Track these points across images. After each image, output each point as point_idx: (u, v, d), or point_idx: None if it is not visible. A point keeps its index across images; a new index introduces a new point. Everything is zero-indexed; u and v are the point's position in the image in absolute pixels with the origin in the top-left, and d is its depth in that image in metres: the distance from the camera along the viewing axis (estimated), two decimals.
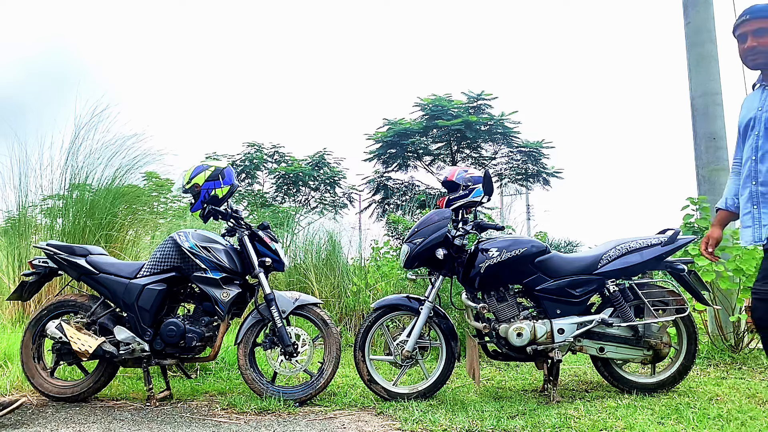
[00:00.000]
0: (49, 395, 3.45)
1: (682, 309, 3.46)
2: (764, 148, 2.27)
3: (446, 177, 3.67)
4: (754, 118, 2.32)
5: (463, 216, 3.61)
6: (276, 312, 3.37)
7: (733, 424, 2.79)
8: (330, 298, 5.94)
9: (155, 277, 3.43)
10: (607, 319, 3.41)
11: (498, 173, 14.94)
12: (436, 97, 13.40)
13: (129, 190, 6.05)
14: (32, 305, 5.28)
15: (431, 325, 3.53)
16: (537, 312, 3.46)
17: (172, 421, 3.08)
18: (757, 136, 2.29)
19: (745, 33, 2.27)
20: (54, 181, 5.99)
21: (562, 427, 2.81)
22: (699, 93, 5.28)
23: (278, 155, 15.95)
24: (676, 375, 3.51)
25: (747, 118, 2.36)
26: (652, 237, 3.54)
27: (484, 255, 3.42)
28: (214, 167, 3.51)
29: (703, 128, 5.23)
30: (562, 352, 3.39)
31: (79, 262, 3.47)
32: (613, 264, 3.44)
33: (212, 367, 4.23)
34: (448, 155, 14.44)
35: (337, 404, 3.41)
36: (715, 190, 5.06)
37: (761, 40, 2.24)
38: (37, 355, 3.53)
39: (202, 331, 3.42)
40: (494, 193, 3.47)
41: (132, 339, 3.37)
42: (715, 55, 5.27)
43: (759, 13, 2.24)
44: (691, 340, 3.52)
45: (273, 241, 3.57)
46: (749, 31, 2.26)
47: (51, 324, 3.39)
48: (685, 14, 5.45)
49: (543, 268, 3.44)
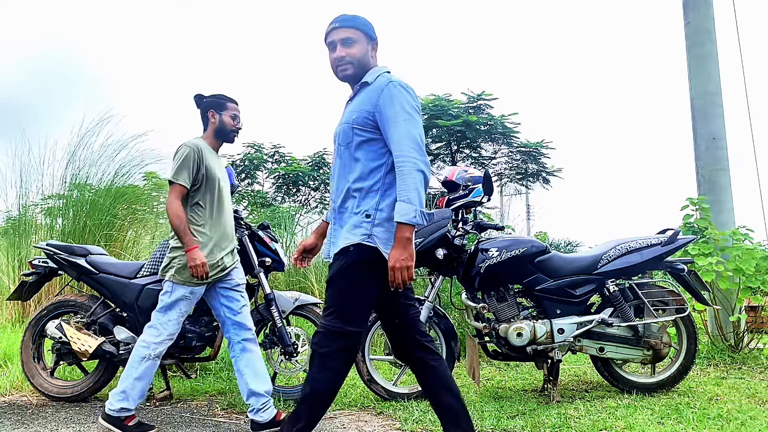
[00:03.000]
0: (49, 395, 3.45)
1: (682, 309, 3.46)
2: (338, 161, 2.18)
3: (446, 177, 3.67)
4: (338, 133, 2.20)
5: (463, 216, 3.61)
6: (276, 312, 3.37)
7: (733, 424, 2.79)
8: None
9: (155, 277, 3.43)
10: (607, 319, 3.41)
11: (498, 173, 14.94)
12: (436, 97, 13.38)
13: (129, 190, 6.05)
14: (32, 305, 5.29)
15: (431, 325, 3.53)
16: (537, 312, 3.46)
17: (172, 421, 3.08)
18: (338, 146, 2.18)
19: (334, 41, 2.16)
20: (54, 181, 6.00)
21: (562, 427, 2.81)
22: (699, 93, 5.29)
23: (278, 155, 15.94)
24: (676, 375, 3.51)
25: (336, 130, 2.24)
26: (652, 237, 3.54)
27: (484, 255, 3.42)
28: None
29: (703, 128, 5.23)
30: (562, 352, 3.39)
31: (79, 262, 3.47)
32: (613, 264, 3.44)
33: (212, 367, 4.23)
34: (448, 155, 14.43)
35: (337, 404, 3.41)
36: (715, 190, 5.07)
37: (349, 50, 2.14)
38: (37, 355, 3.53)
39: (202, 331, 3.42)
40: (494, 193, 3.47)
41: (132, 339, 3.37)
42: (715, 55, 5.27)
43: (346, 23, 2.15)
44: (691, 340, 3.52)
45: (273, 241, 3.57)
46: (337, 40, 2.15)
47: (51, 324, 3.39)
48: (685, 14, 5.46)
49: (543, 268, 3.44)
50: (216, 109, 3.02)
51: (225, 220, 3.01)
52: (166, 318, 2.89)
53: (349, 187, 2.13)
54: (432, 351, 2.20)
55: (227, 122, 3.03)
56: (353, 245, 2.05)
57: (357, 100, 2.18)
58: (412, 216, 1.94)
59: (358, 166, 2.12)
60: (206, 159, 2.92)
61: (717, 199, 5.01)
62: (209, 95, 3.06)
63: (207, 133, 3.06)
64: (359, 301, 2.07)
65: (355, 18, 2.18)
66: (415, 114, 2.07)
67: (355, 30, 2.16)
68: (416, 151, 2.01)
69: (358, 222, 2.07)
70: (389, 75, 2.15)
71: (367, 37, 2.18)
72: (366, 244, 2.04)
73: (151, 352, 2.85)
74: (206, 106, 3.04)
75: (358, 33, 2.16)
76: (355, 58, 2.16)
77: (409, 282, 1.99)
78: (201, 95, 3.07)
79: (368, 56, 2.19)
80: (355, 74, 2.18)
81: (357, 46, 2.16)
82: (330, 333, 2.05)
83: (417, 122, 2.07)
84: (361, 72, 2.18)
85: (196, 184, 2.90)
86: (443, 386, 2.16)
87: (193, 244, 2.81)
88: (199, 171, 2.89)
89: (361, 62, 2.17)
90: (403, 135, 2.01)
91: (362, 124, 2.10)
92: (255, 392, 2.89)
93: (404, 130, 2.02)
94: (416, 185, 1.98)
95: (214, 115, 3.01)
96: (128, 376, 2.84)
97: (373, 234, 2.05)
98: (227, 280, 3.00)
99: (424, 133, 2.08)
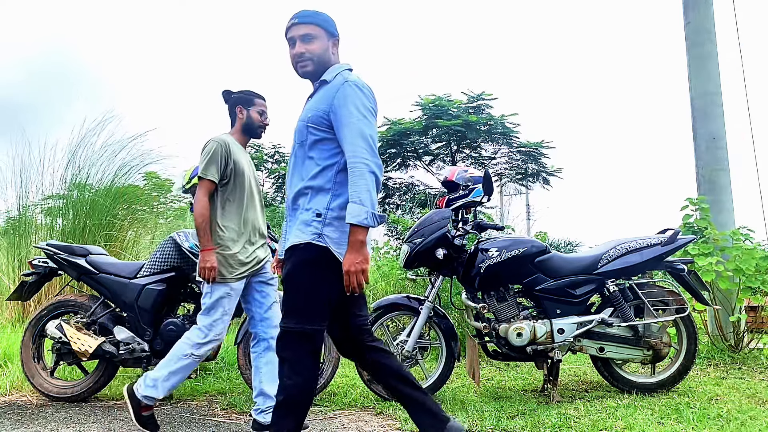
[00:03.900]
0: (49, 395, 3.45)
1: (682, 309, 3.46)
2: (292, 157, 2.18)
3: (446, 177, 3.67)
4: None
5: (463, 216, 3.61)
6: None
7: (733, 424, 2.79)
8: None
9: (155, 277, 3.44)
10: (607, 319, 3.41)
11: (498, 173, 14.94)
12: (436, 96, 13.39)
13: (129, 190, 6.06)
14: (32, 305, 5.29)
15: (431, 325, 3.53)
16: (537, 312, 3.46)
17: (172, 421, 3.08)
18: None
19: (293, 38, 2.14)
20: (54, 181, 6.00)
21: (562, 427, 2.81)
22: (699, 93, 5.29)
23: (278, 155, 15.95)
24: (676, 375, 3.51)
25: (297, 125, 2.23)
26: (652, 237, 3.54)
27: (484, 255, 3.42)
28: None
29: (703, 128, 5.23)
30: (562, 352, 3.39)
31: (78, 262, 3.47)
32: (613, 264, 3.44)
33: (212, 367, 4.23)
34: (448, 155, 14.44)
35: (337, 404, 3.41)
36: (715, 190, 5.07)
37: (309, 47, 2.12)
38: (37, 355, 3.54)
39: None
40: (494, 192, 3.47)
41: (132, 339, 3.37)
42: (715, 55, 5.27)
43: (306, 18, 2.13)
44: (691, 340, 3.52)
45: (273, 241, 3.57)
46: (297, 36, 2.13)
47: (51, 324, 3.39)
48: (685, 14, 5.46)
49: (543, 268, 3.44)
50: (244, 104, 3.01)
51: (256, 215, 2.99)
52: (210, 319, 2.83)
53: (301, 185, 2.12)
54: (382, 350, 2.21)
55: (255, 118, 3.03)
56: (304, 243, 2.04)
57: (315, 98, 2.17)
58: (364, 218, 1.92)
59: (311, 164, 2.11)
60: (234, 154, 2.90)
61: (717, 199, 5.01)
62: (237, 91, 3.06)
63: (234, 129, 3.06)
64: (315, 301, 2.04)
65: (316, 14, 2.16)
66: (369, 115, 2.05)
67: (315, 26, 2.14)
68: (368, 152, 1.99)
69: (308, 220, 2.06)
70: (348, 74, 2.13)
71: (327, 33, 2.17)
72: (316, 243, 2.03)
73: (193, 351, 2.81)
74: (234, 101, 3.03)
75: (318, 29, 2.15)
76: (315, 54, 2.14)
77: (362, 286, 1.96)
78: (229, 91, 3.07)
79: (329, 53, 2.18)
80: (314, 71, 2.17)
81: (317, 43, 2.14)
82: (293, 335, 2.03)
83: (370, 123, 2.05)
84: (321, 69, 2.17)
85: (225, 179, 2.88)
86: (398, 378, 2.16)
87: (209, 246, 2.78)
88: (227, 166, 2.86)
89: (321, 59, 2.16)
90: (355, 135, 2.00)
91: (317, 123, 2.09)
92: (265, 393, 2.87)
93: (357, 131, 2.00)
94: (368, 187, 1.96)
95: (242, 110, 3.01)
96: (164, 367, 2.81)
97: (324, 233, 2.03)
98: (262, 273, 3.00)
99: (377, 135, 2.06)
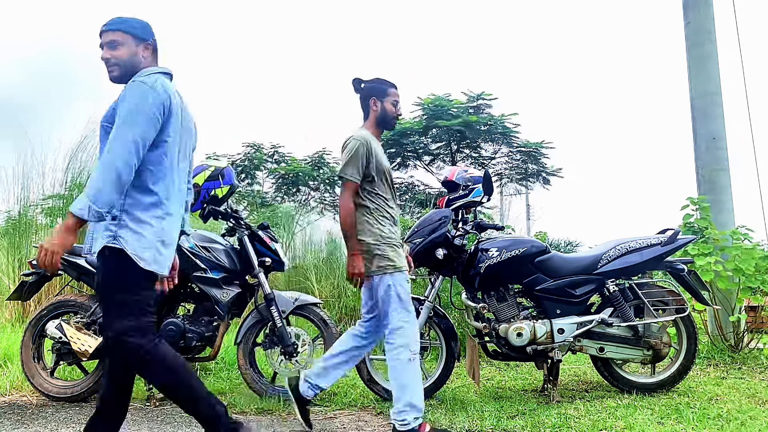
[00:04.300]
0: (49, 395, 3.45)
1: (682, 309, 3.46)
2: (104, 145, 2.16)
3: (446, 177, 3.68)
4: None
5: (463, 216, 3.61)
6: (276, 312, 3.38)
7: (733, 424, 2.79)
8: (330, 298, 5.94)
9: None
10: (607, 319, 3.41)
11: (498, 173, 14.93)
12: (436, 96, 13.37)
13: None
14: (32, 305, 5.29)
15: (431, 325, 3.53)
16: (537, 312, 3.47)
17: (172, 421, 3.08)
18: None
19: (102, 44, 2.24)
20: (55, 181, 6.00)
21: (562, 427, 2.81)
22: (699, 93, 5.29)
23: (278, 155, 15.94)
24: (676, 375, 3.51)
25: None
26: (652, 237, 3.54)
27: (484, 255, 3.42)
28: (214, 167, 3.51)
29: (703, 128, 5.23)
30: (562, 352, 3.39)
31: (79, 262, 3.47)
32: (613, 264, 3.44)
33: (212, 367, 4.23)
34: (448, 155, 14.43)
35: (337, 404, 3.41)
36: (715, 190, 5.07)
37: (114, 53, 2.20)
38: (37, 355, 3.54)
39: (202, 331, 3.42)
40: (494, 192, 3.47)
41: None
42: (715, 55, 5.28)
43: (112, 26, 2.21)
44: (691, 340, 3.52)
45: (273, 241, 3.58)
46: (104, 43, 2.22)
47: (51, 324, 3.39)
48: (685, 15, 5.46)
49: (543, 268, 3.44)
50: (378, 96, 2.88)
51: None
52: (404, 312, 2.69)
53: None
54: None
55: (389, 110, 2.90)
56: (106, 248, 2.05)
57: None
58: (79, 208, 1.92)
59: None
60: (374, 150, 2.80)
61: (717, 199, 5.02)
62: (369, 80, 2.92)
63: (369, 122, 2.92)
64: (128, 307, 2.05)
65: (123, 21, 2.23)
66: (138, 115, 2.04)
67: (122, 33, 2.21)
68: (122, 149, 1.99)
69: (106, 223, 2.06)
70: (148, 76, 2.15)
71: (135, 38, 2.23)
72: (113, 246, 2.04)
73: (411, 354, 2.67)
74: (367, 93, 2.90)
75: (125, 35, 2.21)
76: (121, 60, 2.21)
77: (54, 267, 1.94)
78: (360, 79, 2.93)
79: (137, 58, 2.23)
80: (121, 75, 2.22)
81: (122, 49, 2.21)
82: (119, 347, 2.07)
83: (138, 121, 2.04)
84: (130, 73, 2.21)
85: (369, 176, 2.78)
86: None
87: (356, 250, 2.70)
88: (369, 164, 2.76)
89: (128, 64, 2.22)
90: (118, 132, 2.02)
91: (110, 121, 2.13)
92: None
93: (122, 127, 2.02)
94: (103, 181, 1.95)
95: (376, 102, 2.88)
96: (400, 387, 2.65)
97: (119, 236, 2.04)
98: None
99: (145, 135, 2.05)
